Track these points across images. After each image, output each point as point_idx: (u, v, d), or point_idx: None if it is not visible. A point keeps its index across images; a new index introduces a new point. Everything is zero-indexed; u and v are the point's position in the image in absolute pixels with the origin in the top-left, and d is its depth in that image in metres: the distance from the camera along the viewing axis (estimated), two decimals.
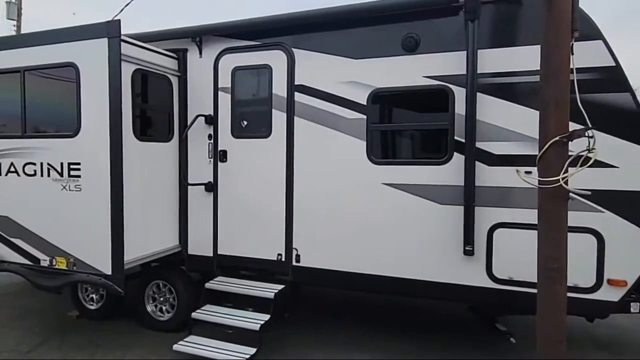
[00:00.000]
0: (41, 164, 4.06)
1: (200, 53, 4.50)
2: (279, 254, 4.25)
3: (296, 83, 4.12)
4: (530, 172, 3.38)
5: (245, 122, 4.38)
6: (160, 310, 4.72)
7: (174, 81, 4.53)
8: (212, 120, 4.46)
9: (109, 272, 3.82)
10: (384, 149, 3.97)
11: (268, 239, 4.29)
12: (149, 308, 4.72)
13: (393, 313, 5.28)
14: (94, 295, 5.05)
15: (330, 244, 4.05)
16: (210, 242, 4.54)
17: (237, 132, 4.38)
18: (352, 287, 4.11)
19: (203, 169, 4.51)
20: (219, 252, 4.51)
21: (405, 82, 3.75)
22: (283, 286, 4.21)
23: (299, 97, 4.11)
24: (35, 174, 4.10)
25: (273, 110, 4.21)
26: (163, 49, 4.43)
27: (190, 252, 4.65)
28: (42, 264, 4.12)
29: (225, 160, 4.44)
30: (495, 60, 3.49)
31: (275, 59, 4.18)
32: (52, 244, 4.08)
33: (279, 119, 4.19)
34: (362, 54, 3.88)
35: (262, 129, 4.30)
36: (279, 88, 4.18)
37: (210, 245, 4.54)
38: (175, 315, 4.61)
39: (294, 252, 4.20)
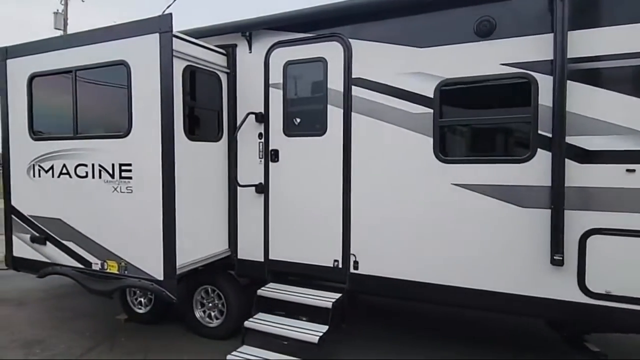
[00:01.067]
0: (92, 165, 3.97)
1: (250, 48, 4.29)
2: (335, 261, 3.96)
3: (354, 76, 3.82)
4: (633, 171, 2.95)
5: (299, 120, 4.12)
6: (209, 316, 4.55)
7: (223, 78, 4.34)
8: (262, 118, 4.23)
9: (161, 278, 3.66)
10: (453, 145, 3.60)
11: (323, 244, 4.01)
12: (198, 314, 4.56)
13: (457, 326, 4.87)
14: (142, 299, 4.96)
15: (393, 250, 3.71)
16: (260, 247, 4.32)
17: (290, 130, 4.14)
18: (417, 297, 3.76)
19: (253, 169, 4.30)
20: (270, 257, 4.28)
21: (479, 71, 3.36)
22: (340, 295, 3.92)
23: (356, 91, 3.81)
24: (86, 176, 4.02)
25: (328, 106, 3.93)
26: (211, 45, 4.26)
27: (240, 256, 4.44)
28: (94, 267, 4.03)
29: (277, 160, 4.20)
30: (589, 42, 3.04)
31: (331, 51, 3.90)
32: (103, 247, 3.97)
33: (335, 115, 3.91)
34: (429, 41, 3.52)
35: (316, 127, 4.03)
36: (335, 82, 3.89)
37: (261, 250, 4.31)
38: (225, 321, 4.42)
39: (352, 259, 3.90)
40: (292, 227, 4.16)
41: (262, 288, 4.14)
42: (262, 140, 4.26)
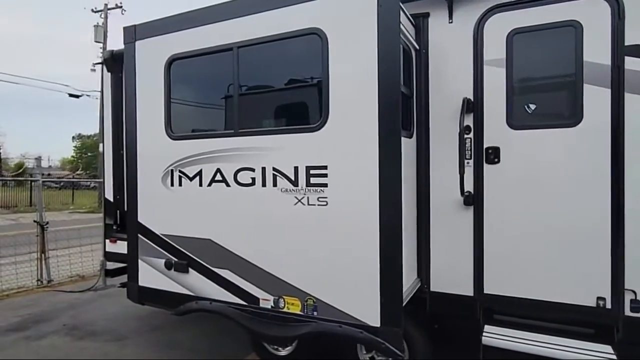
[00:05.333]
0: (263, 169, 3.02)
1: (451, 16, 3.30)
2: (601, 299, 2.87)
3: (628, 43, 2.78)
4: None
5: (533, 107, 3.09)
6: None
7: (413, 56, 3.37)
8: (472, 107, 3.23)
9: (377, 324, 2.64)
10: None
11: (577, 275, 2.92)
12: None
13: None
14: None
15: None
16: (469, 276, 3.26)
17: (518, 120, 3.10)
18: None
19: (454, 173, 3.27)
20: (485, 291, 3.22)
21: None
22: (609, 347, 2.81)
23: (633, 64, 2.77)
24: (253, 183, 3.06)
25: (585, 85, 2.88)
26: None
27: (434, 288, 3.39)
28: (263, 305, 3.05)
29: (497, 161, 3.17)
30: None
31: (588, 12, 2.87)
32: (277, 278, 2.99)
33: (596, 97, 2.86)
34: None
35: (564, 114, 2.99)
36: (596, 53, 2.85)
37: (470, 281, 3.25)
38: None
39: (628, 297, 2.80)
40: (522, 251, 3.08)
41: (486, 335, 3.06)
42: (471, 135, 3.25)
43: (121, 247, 4.84)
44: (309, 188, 2.85)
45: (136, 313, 5.64)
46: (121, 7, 28.57)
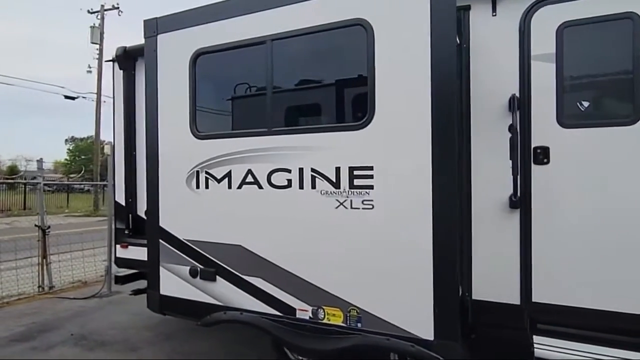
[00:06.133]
0: (300, 170, 2.82)
1: (494, 9, 3.13)
2: None
3: None
4: None
5: (586, 104, 2.93)
6: None
7: None
8: (517, 104, 3.06)
9: (430, 337, 2.45)
10: None
11: (636, 281, 2.76)
12: None
13: None
14: None
15: None
16: (515, 284, 3.07)
17: (570, 118, 2.93)
18: None
19: (498, 175, 3.10)
20: (533, 300, 3.04)
21: None
22: None
23: None
24: (289, 185, 2.86)
25: None
26: None
27: (476, 296, 3.21)
28: (300, 315, 2.84)
29: (546, 162, 2.99)
30: None
31: None
32: (316, 287, 2.79)
33: None
34: None
35: (621, 112, 2.83)
36: None
37: (516, 288, 3.07)
38: None
39: None
40: (574, 257, 2.91)
41: (538, 347, 2.88)
42: (516, 134, 3.07)
43: (133, 252, 4.62)
44: (352, 190, 2.65)
45: (146, 321, 5.41)
46: (118, 8, 28.25)
